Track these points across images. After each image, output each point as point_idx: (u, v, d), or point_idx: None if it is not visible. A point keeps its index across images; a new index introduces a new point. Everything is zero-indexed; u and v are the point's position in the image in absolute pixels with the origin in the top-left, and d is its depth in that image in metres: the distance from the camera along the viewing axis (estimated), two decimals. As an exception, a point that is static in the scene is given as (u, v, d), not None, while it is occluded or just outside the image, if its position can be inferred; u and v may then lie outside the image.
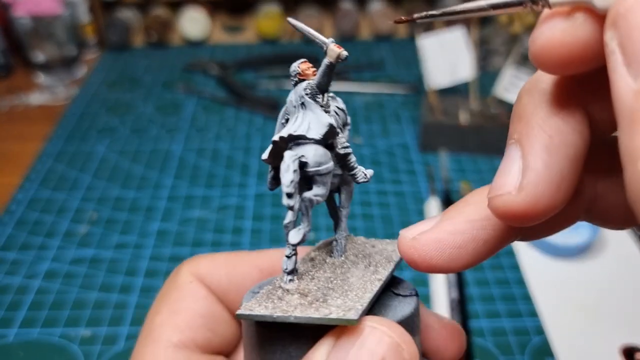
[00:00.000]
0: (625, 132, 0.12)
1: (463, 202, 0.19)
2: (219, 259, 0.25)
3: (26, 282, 0.50)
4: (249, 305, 0.19)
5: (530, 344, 0.45)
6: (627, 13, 0.12)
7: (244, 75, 0.86)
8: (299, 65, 0.20)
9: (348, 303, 0.18)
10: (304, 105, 0.20)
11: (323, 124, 0.19)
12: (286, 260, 0.20)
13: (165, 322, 0.23)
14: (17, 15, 0.81)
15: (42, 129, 0.74)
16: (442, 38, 0.69)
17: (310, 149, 0.19)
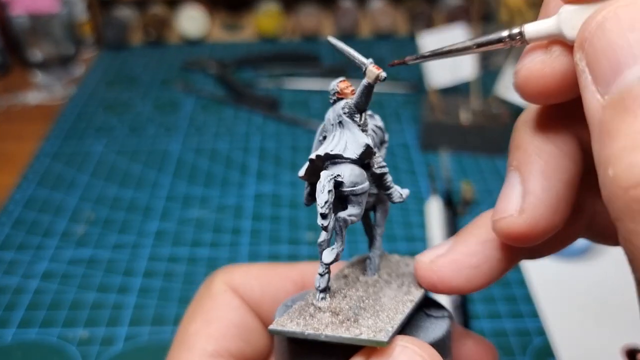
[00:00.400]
0: (597, 142, 0.14)
1: (473, 225, 0.20)
2: (252, 270, 0.25)
3: (24, 282, 0.50)
4: (281, 320, 0.19)
5: (532, 345, 0.44)
6: (592, 37, 0.14)
7: (243, 74, 0.86)
8: (337, 84, 0.21)
9: (379, 324, 0.19)
10: (341, 124, 0.20)
11: (360, 143, 0.19)
12: (319, 278, 0.20)
13: (200, 330, 0.23)
14: (15, 13, 0.80)
15: (40, 128, 0.74)
16: (443, 36, 0.68)
17: (347, 168, 0.19)
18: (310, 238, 0.55)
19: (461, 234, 0.20)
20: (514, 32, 0.17)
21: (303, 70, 0.86)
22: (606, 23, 0.14)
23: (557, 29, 0.16)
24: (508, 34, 0.17)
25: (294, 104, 0.78)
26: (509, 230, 0.18)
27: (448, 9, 0.93)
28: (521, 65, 0.17)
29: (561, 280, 0.50)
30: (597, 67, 0.14)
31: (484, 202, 0.59)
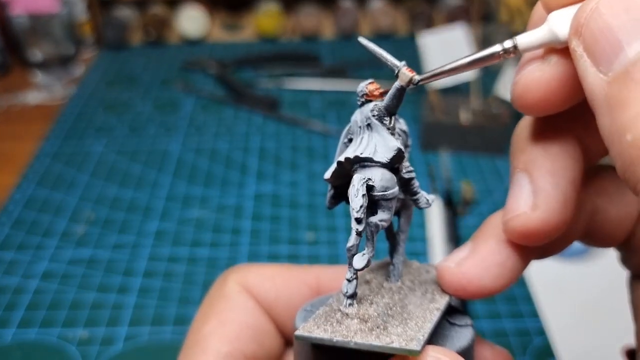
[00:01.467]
0: (605, 116, 0.14)
1: (487, 226, 0.21)
2: (266, 271, 0.25)
3: (23, 282, 0.50)
4: (308, 326, 0.19)
5: (532, 345, 0.44)
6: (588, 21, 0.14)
7: (243, 74, 0.86)
8: (366, 86, 0.20)
9: (409, 332, 0.18)
10: (370, 126, 0.20)
11: (391, 147, 0.19)
12: (347, 284, 0.19)
13: (214, 331, 0.23)
14: (14, 13, 0.80)
15: (39, 128, 0.74)
16: (443, 36, 0.68)
17: (377, 172, 0.19)
18: (310, 238, 0.55)
19: (478, 236, 0.21)
20: (507, 45, 0.17)
21: (303, 70, 0.86)
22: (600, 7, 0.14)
23: (549, 36, 0.16)
24: (502, 48, 0.17)
25: (294, 104, 0.78)
26: (523, 227, 0.18)
27: (448, 8, 0.93)
28: (519, 77, 0.17)
29: (561, 280, 0.50)
30: (596, 49, 0.14)
31: (484, 202, 0.59)
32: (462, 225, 0.56)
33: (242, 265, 0.26)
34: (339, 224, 0.56)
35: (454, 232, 0.54)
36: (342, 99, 0.79)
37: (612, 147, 0.14)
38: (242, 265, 0.26)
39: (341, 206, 0.57)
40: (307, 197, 0.60)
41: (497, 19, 0.88)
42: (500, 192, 0.61)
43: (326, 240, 0.54)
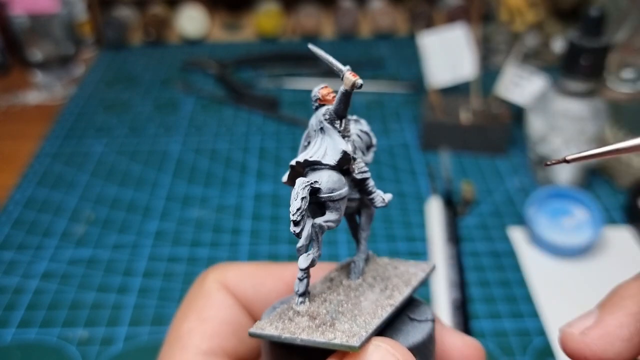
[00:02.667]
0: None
1: (618, 296, 0.21)
2: (245, 269, 0.25)
3: (23, 282, 0.50)
4: (261, 324, 0.19)
5: (532, 345, 0.44)
6: None
7: (242, 74, 0.86)
8: (319, 91, 0.21)
9: (354, 328, 0.19)
10: (322, 130, 0.20)
11: (337, 150, 0.20)
12: (298, 283, 0.20)
13: (194, 329, 0.23)
14: (14, 13, 0.80)
15: (39, 128, 0.73)
16: (443, 36, 0.68)
17: (325, 174, 0.20)
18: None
19: (606, 306, 0.20)
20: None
21: (303, 70, 0.86)
22: None
23: None
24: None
25: (293, 103, 0.78)
26: (564, 343, 0.19)
27: (448, 8, 0.93)
28: None
29: (562, 280, 0.50)
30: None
31: (484, 201, 0.59)
32: (462, 225, 0.56)
33: (222, 264, 0.26)
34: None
35: (454, 232, 0.54)
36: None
37: None
38: (222, 264, 0.26)
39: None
40: (307, 197, 0.60)
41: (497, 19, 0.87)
42: (500, 192, 0.61)
43: (326, 240, 0.54)
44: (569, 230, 0.53)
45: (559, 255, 0.52)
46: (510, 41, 0.85)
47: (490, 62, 0.84)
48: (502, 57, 0.83)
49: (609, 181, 0.62)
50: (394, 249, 0.53)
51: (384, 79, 0.84)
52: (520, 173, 0.64)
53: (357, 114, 0.22)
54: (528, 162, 0.64)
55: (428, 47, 0.68)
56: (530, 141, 0.62)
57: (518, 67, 0.66)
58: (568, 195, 0.55)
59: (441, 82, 0.68)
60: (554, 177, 0.59)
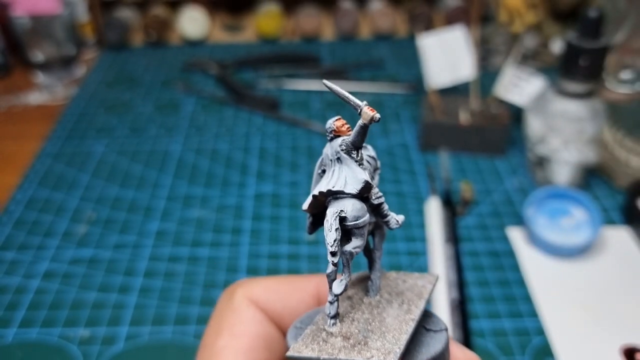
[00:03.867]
0: None
1: None
2: (271, 284, 0.26)
3: (25, 282, 0.50)
4: (297, 347, 0.21)
5: (531, 344, 0.45)
6: None
7: (243, 75, 0.86)
8: (333, 123, 0.22)
9: (387, 345, 0.20)
10: (339, 160, 0.21)
11: (359, 180, 0.21)
12: (329, 306, 0.21)
13: (228, 345, 0.24)
14: (16, 14, 0.80)
15: (41, 128, 0.74)
16: (443, 37, 0.69)
17: (348, 203, 0.21)
18: (310, 238, 0.55)
19: None
20: None
21: (303, 71, 0.86)
22: None
23: None
24: None
25: (294, 104, 0.78)
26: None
27: (447, 10, 0.93)
28: None
29: (560, 280, 0.50)
30: None
31: (483, 202, 0.60)
32: (461, 225, 0.56)
33: (247, 279, 0.27)
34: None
35: (453, 232, 0.54)
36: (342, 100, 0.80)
37: None
38: (247, 279, 0.27)
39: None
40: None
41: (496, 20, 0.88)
42: (499, 193, 0.61)
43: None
44: (568, 231, 0.53)
45: (558, 255, 0.52)
46: (509, 42, 0.85)
47: (489, 63, 0.84)
48: (501, 58, 0.84)
49: (607, 182, 0.62)
50: (393, 249, 0.53)
51: (383, 79, 0.84)
52: (519, 173, 0.64)
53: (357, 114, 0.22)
54: (527, 162, 0.64)
55: (427, 48, 0.68)
56: (529, 142, 0.62)
57: (517, 68, 0.67)
58: (567, 196, 0.55)
59: (440, 83, 0.68)
60: (552, 177, 0.60)
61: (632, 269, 0.52)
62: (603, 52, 0.54)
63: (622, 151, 0.60)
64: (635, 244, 0.54)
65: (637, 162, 0.59)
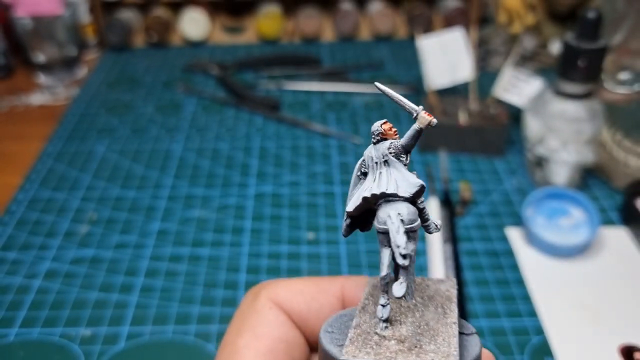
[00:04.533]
0: None
1: None
2: (295, 286, 0.26)
3: (26, 282, 0.51)
4: (351, 351, 0.20)
5: (530, 343, 0.45)
6: None
7: (244, 76, 0.86)
8: (381, 126, 0.22)
9: (442, 348, 0.20)
10: (387, 162, 0.21)
11: (413, 183, 0.21)
12: (382, 309, 0.21)
13: (249, 345, 0.24)
14: (18, 15, 0.81)
15: (43, 129, 0.74)
16: (442, 38, 0.69)
17: (403, 207, 0.21)
18: (310, 238, 0.55)
19: None
20: None
21: (303, 72, 0.86)
22: None
23: None
24: None
25: (294, 105, 0.79)
26: None
27: (446, 11, 0.94)
28: None
29: (559, 280, 0.51)
30: None
31: (482, 202, 0.60)
32: (460, 225, 0.57)
33: (272, 281, 0.27)
34: (339, 224, 0.57)
35: (452, 232, 0.55)
36: (342, 101, 0.80)
37: None
38: (272, 281, 0.27)
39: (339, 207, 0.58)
40: (308, 197, 0.61)
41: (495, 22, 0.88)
42: (498, 193, 0.61)
43: (326, 239, 0.55)
44: (566, 231, 0.54)
45: (556, 255, 0.53)
46: (508, 43, 0.85)
47: (488, 64, 0.85)
48: (500, 59, 0.84)
49: (605, 182, 0.63)
50: (393, 249, 0.54)
51: (383, 80, 0.85)
52: (517, 174, 0.64)
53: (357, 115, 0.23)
54: (526, 162, 0.64)
55: (427, 49, 0.69)
56: (527, 142, 0.62)
57: (516, 68, 0.67)
58: (565, 196, 0.55)
59: (440, 84, 0.69)
60: (551, 177, 0.60)
61: (630, 268, 0.52)
62: (601, 53, 0.54)
63: (621, 152, 0.60)
64: (633, 244, 0.55)
65: (636, 162, 0.59)
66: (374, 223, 0.21)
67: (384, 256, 0.21)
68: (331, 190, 0.62)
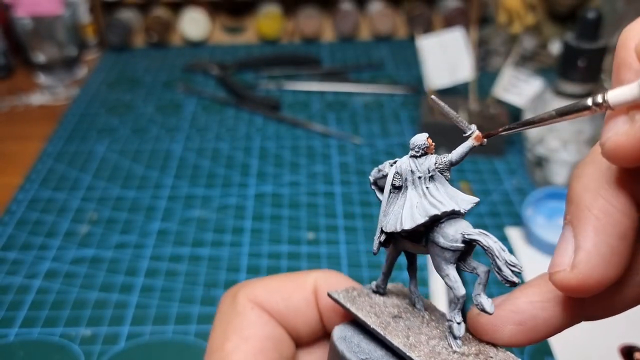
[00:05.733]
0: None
1: (527, 284, 0.21)
2: (271, 284, 0.26)
3: (27, 282, 0.51)
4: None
5: (529, 343, 0.45)
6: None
7: (244, 76, 0.86)
8: (427, 140, 0.22)
9: (500, 355, 0.21)
10: (432, 178, 0.21)
11: (468, 200, 0.21)
12: (458, 327, 0.21)
13: (237, 348, 0.24)
14: (18, 15, 0.81)
15: (43, 129, 0.74)
16: (442, 38, 0.69)
17: (465, 223, 0.21)
18: (310, 237, 0.55)
19: (515, 291, 0.21)
20: (598, 100, 0.17)
21: (303, 72, 0.86)
22: None
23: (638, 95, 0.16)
24: (593, 102, 0.17)
25: (294, 105, 0.79)
26: (562, 284, 0.19)
27: (446, 11, 0.94)
28: (606, 139, 0.17)
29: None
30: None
31: (482, 202, 0.60)
32: (460, 226, 0.57)
33: (247, 281, 0.27)
34: (339, 224, 0.57)
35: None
36: (342, 101, 0.80)
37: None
38: (247, 281, 0.27)
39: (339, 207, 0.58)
40: (308, 197, 0.61)
41: (495, 22, 0.88)
42: (498, 193, 0.61)
43: (326, 239, 0.55)
44: (566, 231, 0.54)
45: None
46: (508, 43, 0.85)
47: (488, 64, 0.85)
48: (500, 59, 0.84)
49: (606, 182, 0.63)
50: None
51: (383, 80, 0.85)
52: (517, 174, 0.64)
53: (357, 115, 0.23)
54: (525, 163, 0.64)
55: (427, 50, 0.69)
56: (527, 142, 0.62)
57: (515, 69, 0.67)
58: (565, 196, 0.55)
59: (440, 84, 0.69)
60: (551, 177, 0.60)
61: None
62: (601, 53, 0.55)
63: (621, 152, 0.60)
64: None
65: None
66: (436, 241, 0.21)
67: (453, 274, 0.21)
68: (331, 190, 0.62)
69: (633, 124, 0.16)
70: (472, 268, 0.21)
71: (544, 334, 0.21)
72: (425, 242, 0.22)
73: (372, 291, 0.24)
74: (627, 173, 0.18)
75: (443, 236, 0.21)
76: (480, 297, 0.21)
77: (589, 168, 0.19)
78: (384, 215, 0.22)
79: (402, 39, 0.97)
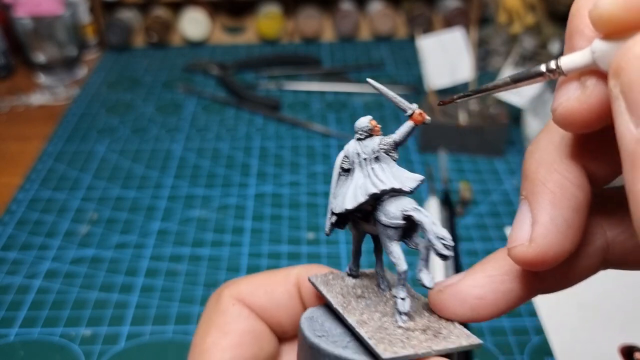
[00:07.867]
0: (629, 174, 0.14)
1: (487, 258, 0.21)
2: (255, 281, 0.27)
3: (27, 281, 0.51)
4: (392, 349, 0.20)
5: (530, 343, 0.45)
6: (628, 67, 0.14)
7: (244, 76, 0.86)
8: (370, 122, 0.22)
9: (454, 331, 0.21)
10: (378, 159, 0.21)
11: (413, 178, 0.21)
12: (402, 302, 0.21)
13: (217, 342, 0.25)
14: (18, 15, 0.81)
15: (43, 129, 0.74)
16: (442, 38, 0.69)
17: (412, 201, 0.21)
18: (310, 237, 0.55)
19: (474, 267, 0.21)
20: (552, 66, 0.17)
21: (303, 72, 0.86)
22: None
23: (591, 62, 0.16)
24: (546, 68, 0.18)
25: (294, 105, 0.79)
26: (521, 258, 0.19)
27: (446, 11, 0.94)
28: (557, 104, 0.17)
29: (559, 280, 0.51)
30: (632, 97, 0.14)
31: (482, 202, 0.60)
32: (460, 225, 0.57)
33: (232, 280, 0.27)
34: (339, 224, 0.57)
35: (452, 232, 0.55)
36: (342, 101, 0.80)
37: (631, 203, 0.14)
38: (232, 280, 0.27)
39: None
40: (308, 197, 0.61)
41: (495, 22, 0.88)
42: (498, 193, 0.62)
43: (326, 239, 0.55)
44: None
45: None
46: (508, 43, 0.85)
47: (488, 64, 0.85)
48: (500, 59, 0.84)
49: (606, 182, 0.63)
50: (393, 249, 0.54)
51: (383, 81, 0.85)
52: (517, 174, 0.64)
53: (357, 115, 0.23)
54: (526, 163, 0.64)
55: (427, 50, 0.69)
56: (527, 142, 0.62)
57: (515, 69, 0.67)
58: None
59: (440, 84, 0.69)
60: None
61: (630, 268, 0.52)
62: (601, 53, 0.54)
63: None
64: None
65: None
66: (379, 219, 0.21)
67: (396, 250, 0.21)
68: (331, 190, 0.62)
69: (584, 90, 0.16)
70: (415, 244, 0.22)
71: (505, 308, 0.21)
72: (374, 221, 0.22)
73: (347, 274, 0.25)
74: (580, 146, 0.18)
75: (385, 214, 0.21)
76: (421, 272, 0.21)
77: (543, 141, 0.19)
78: (334, 197, 0.22)
79: (402, 39, 0.97)
